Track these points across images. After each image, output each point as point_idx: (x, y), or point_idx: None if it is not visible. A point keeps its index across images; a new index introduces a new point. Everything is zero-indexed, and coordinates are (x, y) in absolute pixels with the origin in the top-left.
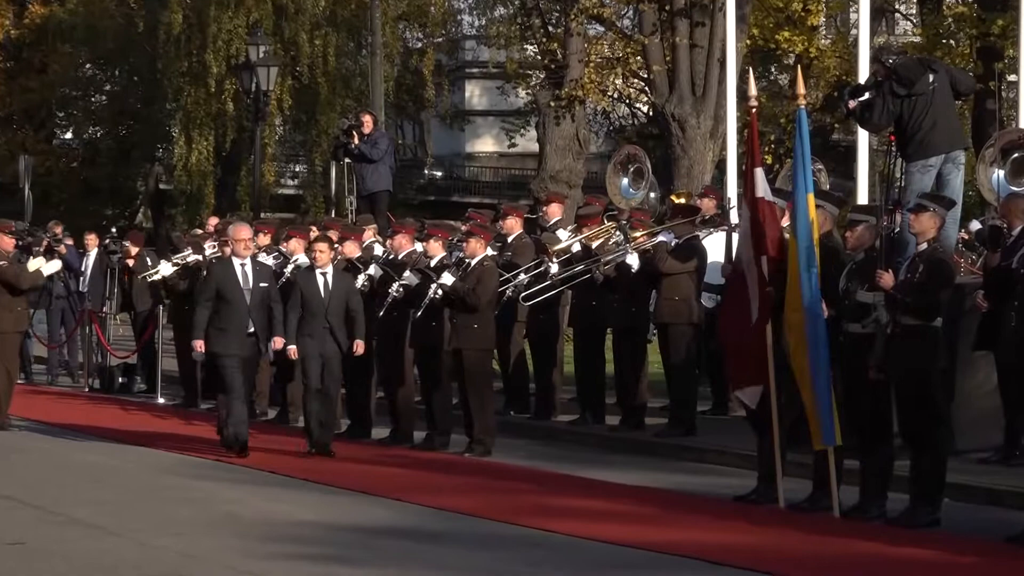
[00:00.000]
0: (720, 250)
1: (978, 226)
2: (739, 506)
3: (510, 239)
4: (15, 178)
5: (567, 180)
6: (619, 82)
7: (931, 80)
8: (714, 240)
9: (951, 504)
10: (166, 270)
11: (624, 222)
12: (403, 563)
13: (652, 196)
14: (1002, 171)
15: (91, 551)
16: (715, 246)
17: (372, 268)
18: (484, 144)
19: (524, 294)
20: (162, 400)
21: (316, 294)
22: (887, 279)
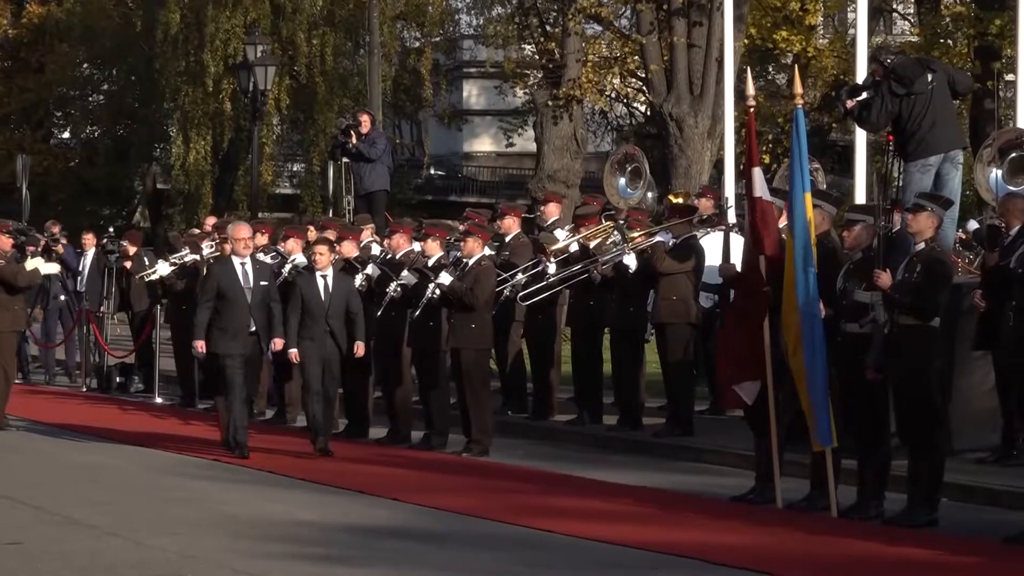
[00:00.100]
0: (718, 250)
1: (976, 226)
2: (737, 506)
3: (508, 239)
4: (13, 178)
5: (565, 180)
6: (617, 82)
7: (930, 79)
8: (712, 240)
9: (949, 504)
10: (163, 270)
11: (622, 222)
12: (401, 563)
13: (650, 196)
14: (1000, 171)
15: (89, 551)
16: (713, 246)
17: (370, 268)
18: (482, 144)
19: (522, 294)
20: (160, 400)
21: (316, 297)
22: (885, 279)
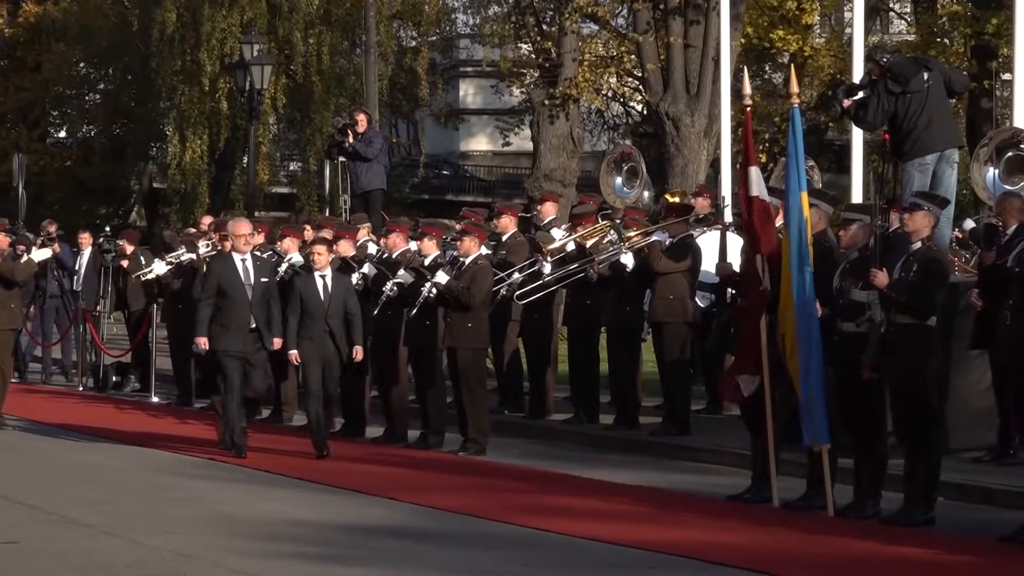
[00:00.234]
0: (714, 249)
1: (972, 225)
2: (733, 505)
3: (504, 238)
4: (9, 177)
5: (561, 179)
6: (613, 81)
7: (926, 78)
8: (708, 239)
9: (945, 503)
10: (160, 269)
11: (618, 221)
12: (398, 562)
13: (646, 195)
14: (996, 170)
15: (85, 550)
16: (709, 245)
17: (366, 267)
18: (478, 143)
19: (518, 292)
20: (156, 399)
21: (315, 297)
22: (881, 278)
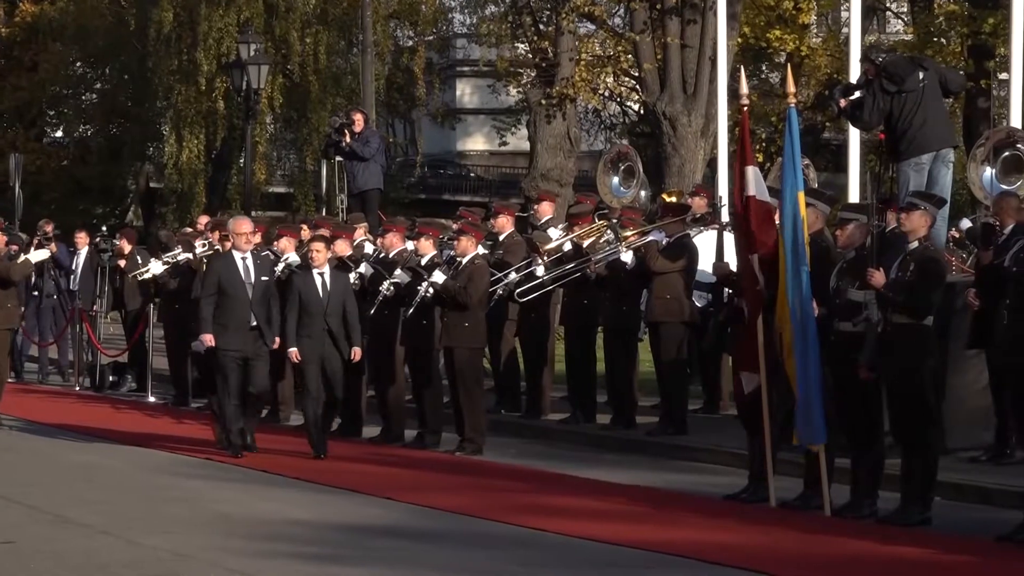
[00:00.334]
0: (711, 248)
1: (969, 224)
2: (730, 505)
3: (501, 237)
4: (5, 176)
5: (558, 178)
6: (610, 80)
7: (921, 77)
8: (705, 238)
9: (942, 503)
10: (156, 269)
11: (615, 221)
12: (394, 562)
13: (643, 194)
14: (993, 169)
15: (82, 550)
16: (706, 244)
17: (363, 267)
18: (475, 142)
19: (520, 290)
20: (153, 399)
21: (315, 295)
22: (878, 277)
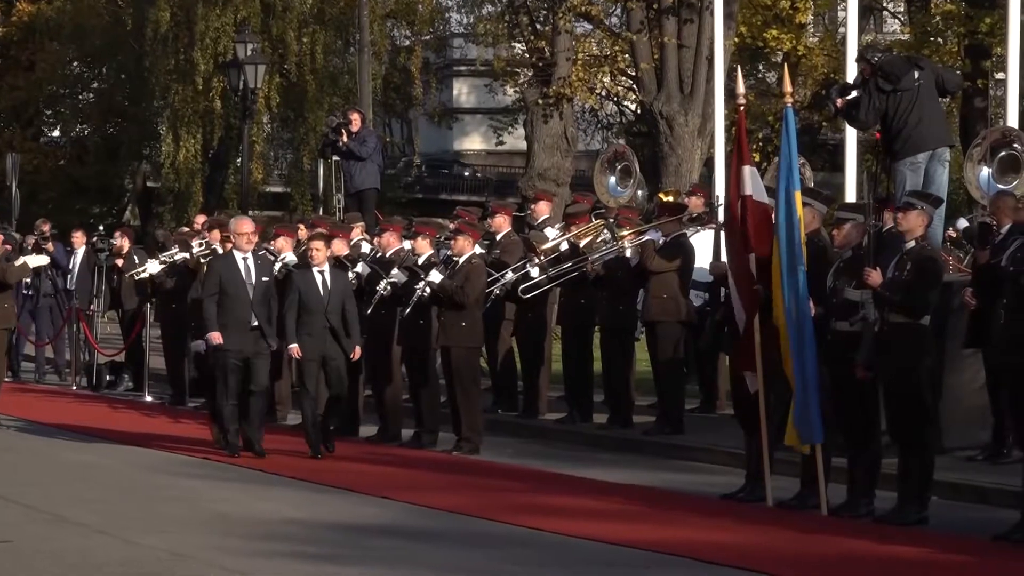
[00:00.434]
0: (708, 248)
1: (965, 224)
2: (727, 504)
3: (498, 237)
4: (2, 176)
5: (555, 178)
6: (607, 80)
7: (916, 77)
8: (702, 238)
9: (939, 502)
10: (153, 268)
11: (611, 220)
12: (391, 561)
13: (640, 194)
14: (990, 169)
15: (79, 549)
16: (703, 244)
17: (360, 266)
18: (472, 142)
19: (523, 287)
20: (149, 398)
21: (315, 293)
22: (875, 277)
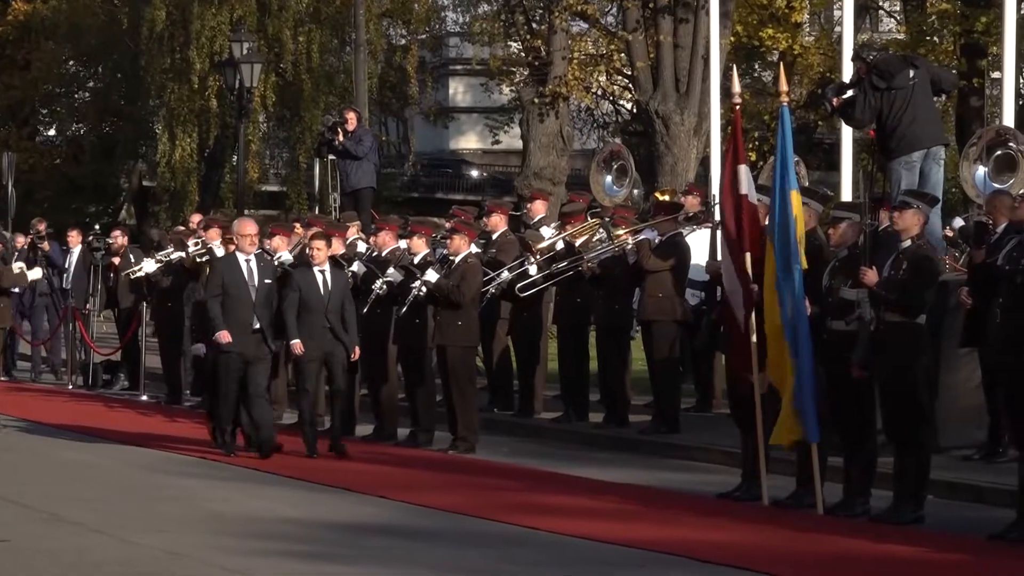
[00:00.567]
0: (704, 247)
1: (961, 223)
2: (723, 503)
3: (494, 236)
4: None
5: (551, 177)
6: (603, 79)
7: (911, 75)
8: (698, 237)
9: (935, 501)
10: (149, 267)
11: (607, 219)
12: (387, 560)
13: (636, 193)
14: (986, 168)
15: (76, 549)
16: (699, 243)
17: (356, 265)
18: (468, 141)
19: (520, 285)
20: (145, 397)
21: (315, 292)
22: (871, 276)
